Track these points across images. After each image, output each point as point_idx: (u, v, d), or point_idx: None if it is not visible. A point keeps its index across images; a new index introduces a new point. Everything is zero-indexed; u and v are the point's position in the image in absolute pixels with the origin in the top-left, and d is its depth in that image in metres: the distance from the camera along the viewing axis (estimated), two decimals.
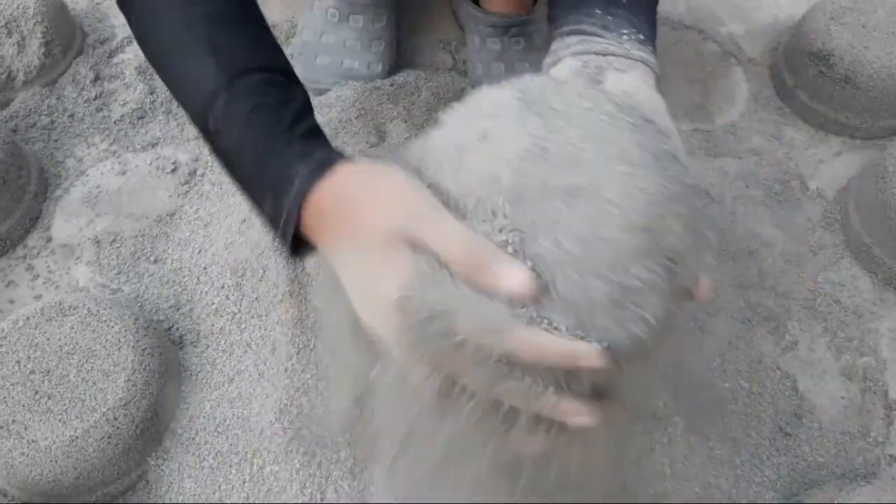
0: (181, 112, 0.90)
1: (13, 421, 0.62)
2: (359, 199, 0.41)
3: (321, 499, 0.62)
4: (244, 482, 0.64)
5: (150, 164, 0.86)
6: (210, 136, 0.50)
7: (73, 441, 0.62)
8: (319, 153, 0.45)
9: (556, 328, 0.36)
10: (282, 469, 0.64)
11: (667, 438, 0.65)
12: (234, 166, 0.50)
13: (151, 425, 0.66)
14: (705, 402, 0.68)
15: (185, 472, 0.66)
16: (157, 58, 0.54)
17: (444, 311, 0.36)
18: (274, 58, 0.53)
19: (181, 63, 0.51)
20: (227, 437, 0.66)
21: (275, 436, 0.65)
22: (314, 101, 0.88)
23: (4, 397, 0.63)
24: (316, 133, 0.49)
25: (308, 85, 0.91)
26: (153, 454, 0.67)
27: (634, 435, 0.62)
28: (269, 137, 0.47)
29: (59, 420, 0.62)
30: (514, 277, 0.35)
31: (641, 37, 0.47)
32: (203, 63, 0.49)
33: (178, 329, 0.73)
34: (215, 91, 0.48)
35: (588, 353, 0.35)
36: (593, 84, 0.44)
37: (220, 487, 0.64)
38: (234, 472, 0.65)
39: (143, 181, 0.84)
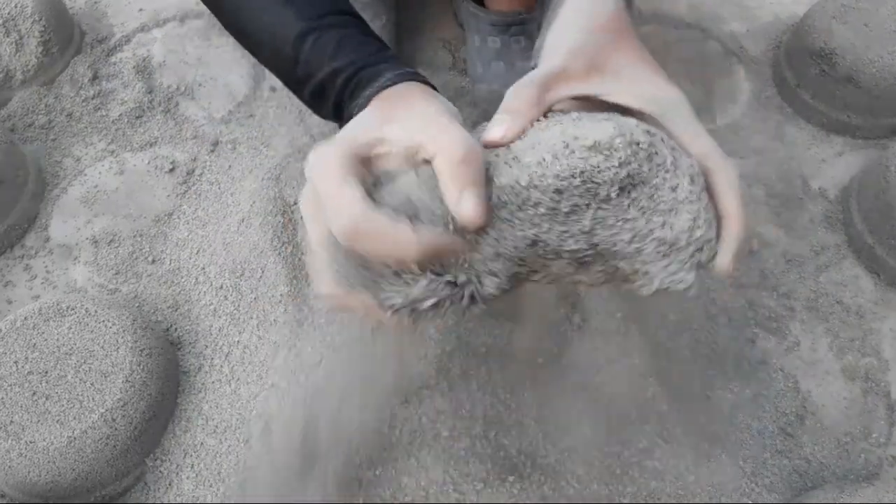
0: (179, 111, 0.90)
1: (11, 422, 0.62)
2: (418, 106, 0.43)
3: (321, 499, 0.62)
4: (242, 483, 0.64)
5: (148, 163, 0.85)
6: (298, 76, 0.52)
7: (71, 442, 0.61)
8: (409, 69, 0.48)
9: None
10: (281, 469, 0.63)
11: (667, 439, 0.64)
12: (327, 96, 0.51)
13: (150, 426, 0.65)
14: (707, 404, 0.68)
15: (184, 474, 0.65)
16: (235, 20, 0.56)
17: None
18: (346, 4, 0.54)
19: (258, 19, 0.53)
20: (226, 438, 0.66)
21: (274, 436, 0.64)
22: None
23: (2, 398, 0.63)
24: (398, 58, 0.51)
25: None
26: (151, 455, 0.66)
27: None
28: (362, 56, 0.49)
29: (57, 421, 0.62)
30: (468, 205, 0.37)
31: None
32: (282, 13, 0.51)
33: (176, 329, 0.73)
34: (301, 35, 0.50)
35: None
36: None
37: (218, 488, 0.64)
38: (232, 473, 0.64)
39: (141, 181, 0.84)
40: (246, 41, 0.56)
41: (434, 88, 0.48)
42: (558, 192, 0.36)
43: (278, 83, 0.91)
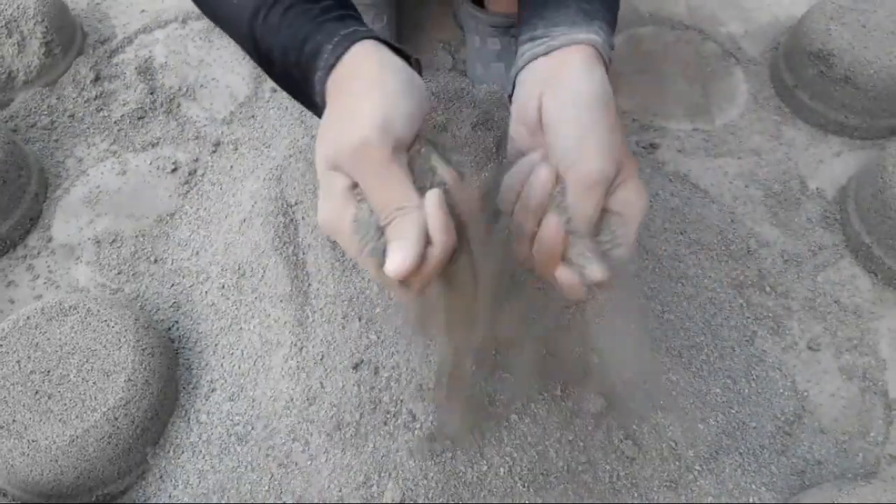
0: (181, 112, 0.90)
1: (13, 421, 0.62)
2: (350, 100, 0.46)
3: (322, 499, 0.62)
4: (244, 482, 0.64)
5: (151, 163, 0.86)
6: (262, 57, 0.53)
7: (73, 441, 0.62)
8: (344, 32, 0.48)
9: None
10: (282, 470, 0.64)
11: (664, 439, 0.65)
12: (283, 73, 0.52)
13: (151, 425, 0.66)
14: (705, 403, 0.68)
15: (186, 472, 0.65)
16: (207, 5, 0.57)
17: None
18: None
19: (220, 1, 0.54)
20: (227, 437, 0.66)
21: (275, 435, 0.65)
22: None
23: (5, 397, 0.63)
24: (346, 17, 0.51)
25: None
26: (153, 454, 0.67)
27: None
28: (303, 25, 0.50)
29: (60, 420, 0.62)
30: (393, 260, 0.43)
31: (593, 21, 0.50)
32: None
33: (178, 329, 0.73)
34: (255, 10, 0.51)
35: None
36: None
37: (220, 487, 0.64)
38: (233, 472, 0.65)
39: (144, 181, 0.85)
40: (220, 25, 0.57)
41: (380, 40, 0.49)
42: None
43: None
